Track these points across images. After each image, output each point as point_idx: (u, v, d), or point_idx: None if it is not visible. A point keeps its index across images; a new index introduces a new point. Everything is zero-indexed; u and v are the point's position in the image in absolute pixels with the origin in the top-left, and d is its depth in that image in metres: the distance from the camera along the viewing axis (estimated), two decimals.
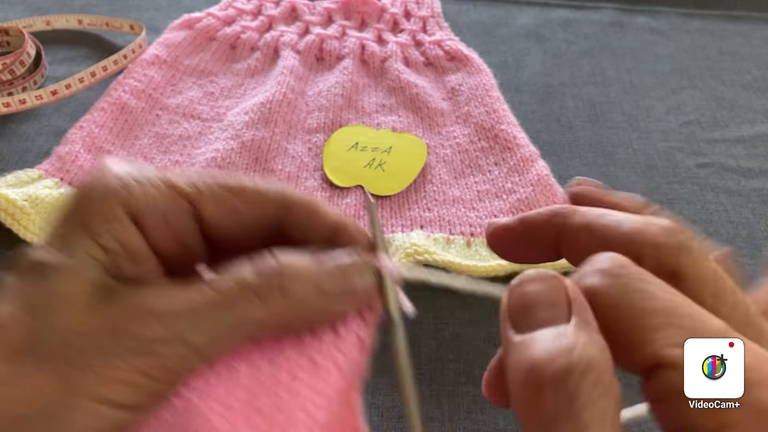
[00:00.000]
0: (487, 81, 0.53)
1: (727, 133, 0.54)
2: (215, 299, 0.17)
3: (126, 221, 0.18)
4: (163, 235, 0.19)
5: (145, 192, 0.19)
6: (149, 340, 0.17)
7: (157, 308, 0.17)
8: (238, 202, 0.20)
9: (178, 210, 0.19)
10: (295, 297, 0.18)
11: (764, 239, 0.45)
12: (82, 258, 0.18)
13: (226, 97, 0.53)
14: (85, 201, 0.19)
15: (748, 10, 0.68)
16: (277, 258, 0.19)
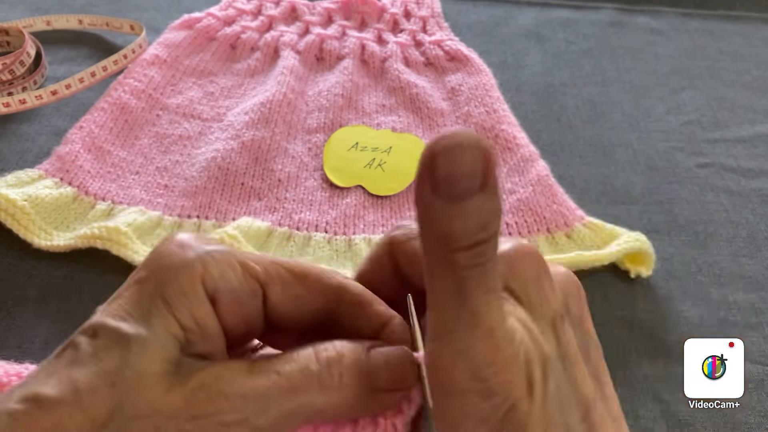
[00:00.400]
0: (487, 81, 0.53)
1: (728, 133, 0.54)
2: (282, 386, 0.18)
3: (204, 299, 0.19)
4: (235, 315, 0.20)
5: (223, 272, 0.19)
6: (221, 423, 0.18)
7: (228, 391, 0.18)
8: (302, 289, 0.21)
9: (250, 292, 0.20)
10: (352, 389, 0.19)
11: (764, 239, 0.45)
12: (161, 333, 0.18)
13: (226, 97, 0.53)
14: (166, 273, 0.19)
15: (747, 10, 0.68)
16: (335, 346, 0.20)
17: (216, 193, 0.45)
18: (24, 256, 0.41)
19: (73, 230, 0.41)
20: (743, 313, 0.40)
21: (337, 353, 0.19)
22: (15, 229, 0.40)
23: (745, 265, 0.43)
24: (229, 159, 0.46)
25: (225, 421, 0.18)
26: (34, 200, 0.41)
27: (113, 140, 0.48)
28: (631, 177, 0.49)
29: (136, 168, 0.47)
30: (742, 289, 0.42)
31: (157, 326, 0.18)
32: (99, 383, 0.17)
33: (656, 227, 0.45)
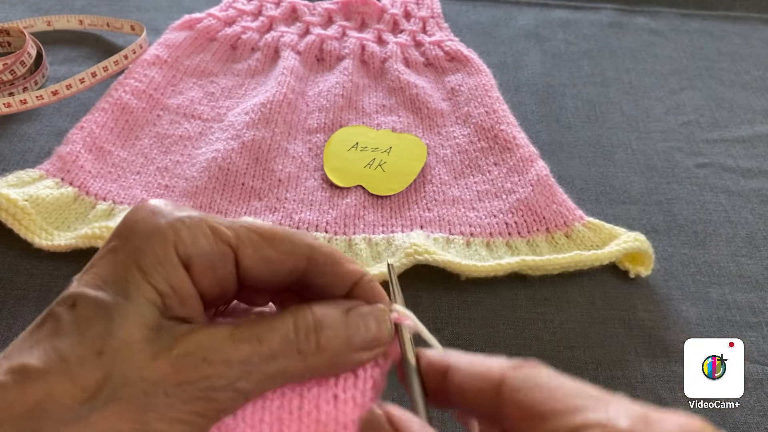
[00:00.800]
0: (487, 81, 0.53)
1: (726, 133, 0.54)
2: (263, 352, 0.20)
3: (178, 265, 0.20)
4: (209, 279, 0.21)
5: (194, 237, 0.20)
6: (207, 387, 0.19)
7: (213, 358, 0.19)
8: (272, 251, 0.21)
9: (222, 256, 0.21)
10: (329, 351, 0.21)
11: (763, 239, 0.45)
12: (139, 301, 0.19)
13: (226, 98, 0.53)
14: (139, 242, 0.20)
15: (747, 10, 0.68)
16: (314, 313, 0.21)
17: (216, 193, 0.45)
18: (25, 256, 0.41)
19: (74, 230, 0.42)
20: (742, 313, 0.40)
21: (314, 321, 0.21)
22: (16, 229, 0.40)
23: (744, 264, 0.43)
24: (229, 159, 0.46)
25: (210, 385, 0.19)
26: (35, 200, 0.41)
27: (114, 140, 0.48)
28: (631, 177, 0.49)
29: (137, 168, 0.47)
30: (741, 289, 0.42)
31: (135, 294, 0.19)
32: (85, 353, 0.18)
33: (655, 227, 0.45)
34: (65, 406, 0.17)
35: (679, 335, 0.39)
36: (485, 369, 0.20)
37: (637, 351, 0.38)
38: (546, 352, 0.38)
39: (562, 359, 0.37)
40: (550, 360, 0.38)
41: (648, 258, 0.41)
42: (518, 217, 0.44)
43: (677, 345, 0.38)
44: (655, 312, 0.40)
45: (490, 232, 0.43)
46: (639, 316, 0.40)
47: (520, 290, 0.41)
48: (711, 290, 0.42)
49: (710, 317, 0.40)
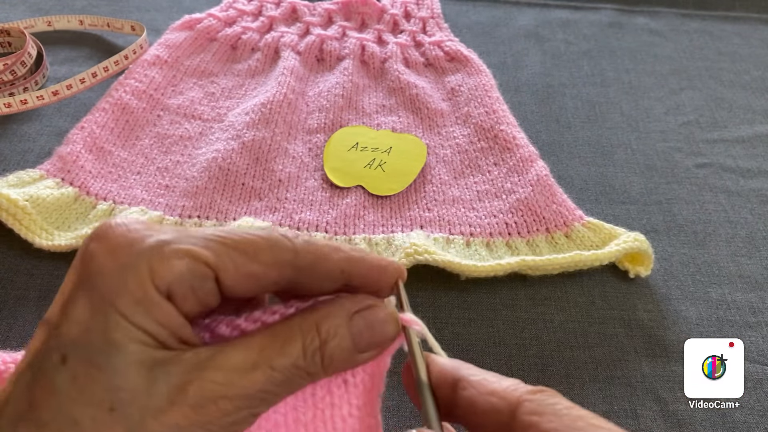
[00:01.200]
0: (487, 81, 0.53)
1: (726, 133, 0.54)
2: (277, 379, 0.20)
3: (161, 300, 0.19)
4: (191, 302, 0.20)
5: (171, 267, 0.19)
6: (230, 423, 0.19)
7: (231, 395, 0.19)
8: (255, 265, 0.20)
9: (202, 278, 0.19)
10: (334, 363, 0.21)
11: (763, 239, 0.45)
12: (130, 347, 0.18)
13: (226, 98, 0.53)
14: (111, 282, 0.18)
15: (746, 11, 0.68)
16: (320, 333, 0.20)
17: (217, 194, 0.45)
18: (25, 256, 0.41)
19: (75, 230, 0.42)
20: (742, 313, 0.41)
21: (320, 341, 0.20)
22: (16, 229, 0.40)
23: (744, 264, 0.43)
24: (229, 159, 0.46)
25: (233, 420, 0.19)
26: (36, 200, 0.41)
27: (114, 140, 0.48)
28: (630, 177, 0.49)
29: (137, 168, 0.47)
30: (741, 289, 0.42)
31: (123, 341, 0.18)
32: (96, 413, 0.17)
33: (655, 227, 0.46)
34: None
35: (679, 335, 0.39)
36: (501, 389, 0.20)
37: (637, 351, 0.38)
38: (546, 352, 0.38)
39: (562, 359, 0.38)
40: (549, 360, 0.39)
41: (648, 258, 0.41)
42: (518, 217, 0.44)
43: (677, 345, 0.38)
44: (655, 312, 0.40)
45: (490, 232, 0.43)
46: (639, 316, 0.40)
47: (520, 290, 0.41)
48: (711, 290, 0.42)
49: (710, 317, 0.40)
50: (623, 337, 0.39)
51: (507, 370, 0.37)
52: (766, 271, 0.43)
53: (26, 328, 0.38)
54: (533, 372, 0.37)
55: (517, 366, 0.37)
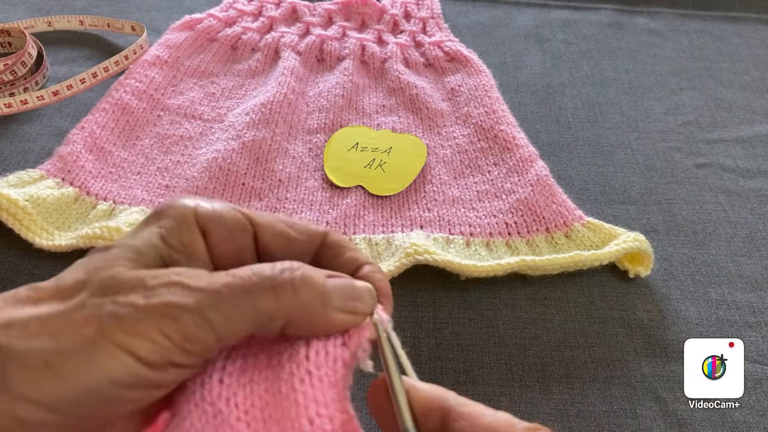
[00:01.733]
0: (487, 82, 0.53)
1: (726, 133, 0.54)
2: (236, 284, 0.20)
3: (193, 226, 0.21)
4: (226, 247, 0.22)
5: (215, 208, 0.22)
6: (174, 305, 0.19)
7: (185, 281, 0.19)
8: (291, 230, 0.23)
9: (241, 228, 0.22)
10: (303, 297, 0.20)
11: (763, 239, 0.45)
12: (141, 241, 0.21)
13: (227, 98, 0.53)
14: (163, 208, 0.22)
15: (746, 11, 0.68)
16: (293, 262, 0.21)
17: (217, 194, 0.45)
18: (26, 256, 0.41)
19: (75, 230, 0.42)
20: (741, 313, 0.41)
21: (290, 264, 0.21)
22: (17, 229, 0.40)
23: (744, 264, 0.43)
24: (230, 159, 0.46)
25: (177, 303, 0.19)
26: (36, 200, 0.41)
27: (114, 141, 0.48)
28: (630, 177, 0.49)
29: (138, 168, 0.47)
30: (741, 289, 0.42)
31: (140, 238, 0.21)
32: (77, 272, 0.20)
33: (655, 227, 0.46)
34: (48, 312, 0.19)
35: (679, 335, 0.39)
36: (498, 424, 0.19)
37: (637, 351, 0.38)
38: (546, 352, 0.38)
39: (562, 359, 0.38)
40: (549, 360, 0.39)
41: (647, 258, 0.41)
42: (518, 217, 0.44)
43: (677, 345, 0.38)
44: (655, 312, 0.40)
45: (490, 232, 0.43)
46: (639, 316, 0.40)
47: (520, 290, 0.41)
48: (710, 290, 0.42)
49: (710, 317, 0.40)
50: (623, 337, 0.39)
51: (507, 370, 0.37)
52: (765, 271, 0.43)
53: None
54: (533, 372, 0.37)
55: (517, 366, 0.37)
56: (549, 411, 0.35)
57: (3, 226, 0.41)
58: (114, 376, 0.18)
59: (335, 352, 0.21)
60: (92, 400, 0.18)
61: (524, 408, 0.35)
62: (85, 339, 0.18)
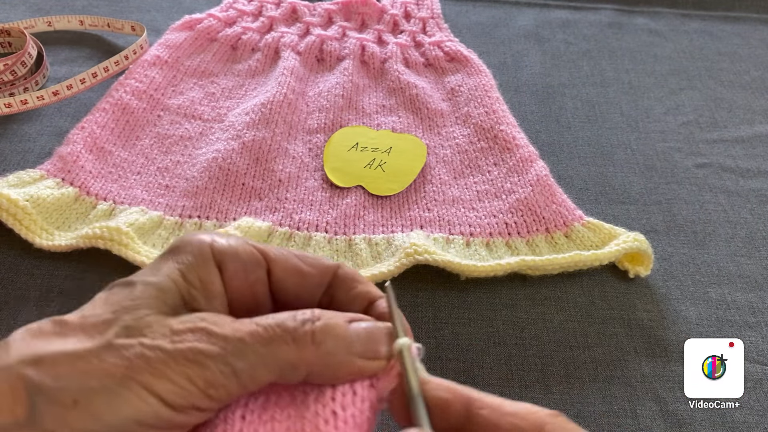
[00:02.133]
0: (487, 82, 0.53)
1: (726, 133, 0.54)
2: (259, 334, 0.20)
3: (210, 261, 0.22)
4: (241, 281, 0.23)
5: (230, 243, 0.23)
6: (200, 352, 0.19)
7: (211, 328, 0.20)
8: (303, 265, 0.23)
9: (255, 262, 0.23)
10: (325, 348, 0.21)
11: (762, 239, 0.45)
12: (163, 280, 0.21)
13: (227, 98, 0.53)
14: (181, 244, 0.23)
15: (746, 11, 0.68)
16: (314, 311, 0.22)
17: (217, 194, 0.45)
18: (26, 256, 0.41)
19: (75, 230, 0.42)
20: (741, 313, 0.41)
21: (312, 315, 0.21)
22: (17, 229, 0.40)
23: (744, 264, 0.43)
24: (230, 159, 0.46)
25: (203, 351, 0.20)
26: (36, 200, 0.41)
27: (114, 141, 0.48)
28: (630, 177, 0.49)
29: (138, 168, 0.47)
30: (741, 289, 0.42)
31: (162, 275, 0.21)
32: (101, 311, 0.20)
33: (655, 227, 0.46)
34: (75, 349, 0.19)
35: (679, 335, 0.39)
36: (522, 410, 0.20)
37: (637, 351, 0.38)
38: (546, 352, 0.38)
39: (562, 359, 0.38)
40: (549, 360, 0.39)
41: (647, 258, 0.41)
42: (518, 217, 0.44)
43: (677, 345, 0.38)
44: (655, 312, 0.40)
45: (490, 232, 0.43)
46: (638, 316, 0.40)
47: (520, 290, 0.41)
48: (710, 290, 0.42)
49: (710, 317, 0.40)
50: (623, 337, 0.39)
51: (507, 370, 0.37)
52: (765, 271, 0.43)
53: None
54: (533, 372, 0.37)
55: (517, 366, 0.37)
56: None
57: (3, 226, 0.41)
58: (139, 416, 0.19)
59: (362, 393, 0.21)
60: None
61: None
62: (113, 378, 0.19)
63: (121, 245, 0.39)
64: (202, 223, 0.43)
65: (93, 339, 0.19)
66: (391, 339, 0.22)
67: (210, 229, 0.43)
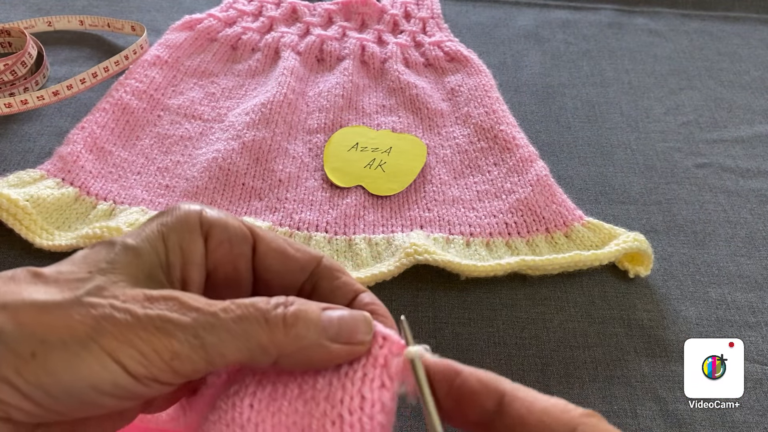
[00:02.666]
0: (487, 82, 0.53)
1: (726, 133, 0.54)
2: (232, 310, 0.20)
3: (195, 229, 0.22)
4: (224, 253, 0.22)
5: (219, 214, 0.23)
6: (170, 320, 0.19)
7: (184, 300, 0.20)
8: (288, 247, 0.23)
9: (241, 236, 0.23)
10: (296, 331, 0.20)
11: (762, 239, 0.45)
12: (142, 242, 0.21)
13: (227, 98, 0.53)
14: (170, 210, 0.22)
15: (746, 11, 0.68)
16: (288, 297, 0.21)
17: (217, 194, 0.45)
18: (26, 256, 0.41)
19: (75, 230, 0.42)
20: (741, 313, 0.41)
21: (286, 300, 0.21)
22: (17, 229, 0.40)
23: (744, 264, 0.44)
24: (230, 159, 0.46)
25: (173, 320, 0.19)
26: (36, 200, 0.41)
27: (115, 141, 0.48)
28: (630, 177, 0.49)
29: (138, 168, 0.47)
30: (741, 289, 0.42)
31: (142, 239, 0.21)
32: (78, 268, 0.20)
33: (655, 227, 0.46)
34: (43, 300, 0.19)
35: (679, 335, 0.39)
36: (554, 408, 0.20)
37: (637, 351, 0.38)
38: (546, 352, 0.38)
39: (562, 359, 0.38)
40: (549, 360, 0.39)
41: (647, 258, 0.41)
42: (518, 217, 0.44)
43: (677, 345, 0.38)
44: (655, 312, 0.40)
45: (490, 232, 0.43)
46: (638, 316, 0.40)
47: (520, 290, 0.41)
48: (710, 290, 0.42)
49: (710, 317, 0.40)
50: (623, 336, 0.39)
51: (507, 370, 0.37)
52: (765, 271, 0.43)
53: None
54: (533, 372, 0.37)
55: (517, 366, 0.37)
56: None
57: (3, 226, 0.41)
58: (96, 381, 0.18)
59: (372, 397, 0.21)
60: (69, 401, 0.18)
61: None
62: (75, 337, 0.18)
63: None
64: None
65: (63, 293, 0.19)
66: (369, 326, 0.22)
67: None
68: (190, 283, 0.22)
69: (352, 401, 0.20)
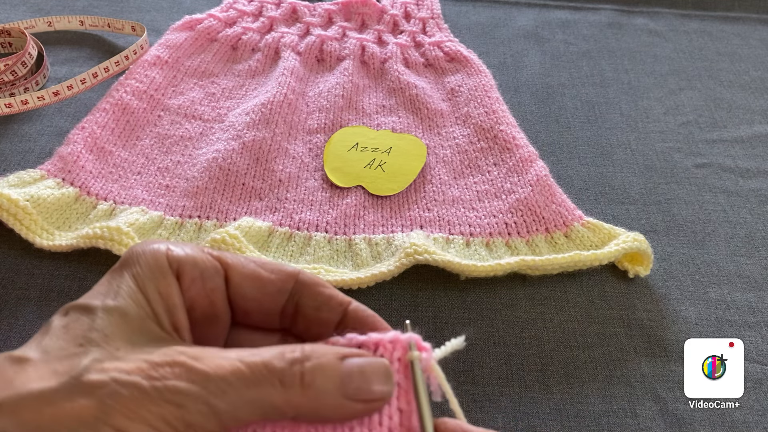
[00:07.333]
0: (487, 82, 0.53)
1: (725, 133, 0.54)
2: (243, 374, 0.19)
3: (168, 273, 0.21)
4: (198, 290, 0.22)
5: (186, 250, 0.22)
6: (179, 392, 0.18)
7: (191, 366, 0.19)
8: (261, 270, 0.22)
9: (212, 269, 0.22)
10: (315, 390, 0.19)
11: (762, 239, 0.45)
12: (125, 302, 0.20)
13: (227, 98, 0.53)
14: (135, 256, 0.21)
15: (746, 11, 0.68)
16: (304, 348, 0.20)
17: (217, 194, 0.45)
18: (26, 256, 0.41)
19: (75, 230, 0.42)
20: (741, 313, 0.41)
21: (302, 355, 0.20)
22: (17, 229, 0.40)
23: (743, 264, 0.44)
24: (230, 159, 0.46)
25: (183, 390, 0.18)
26: (36, 200, 0.41)
27: (115, 141, 0.48)
28: (630, 177, 0.49)
29: (138, 168, 0.47)
30: (741, 289, 0.42)
31: (123, 297, 0.20)
32: (65, 343, 0.19)
33: (654, 227, 0.46)
34: (40, 390, 0.17)
35: (679, 335, 0.39)
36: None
37: (637, 350, 0.38)
38: (545, 352, 0.38)
39: (562, 359, 0.38)
40: (549, 360, 0.39)
41: (647, 258, 0.41)
42: (518, 217, 0.44)
43: (677, 345, 0.38)
44: (655, 312, 0.40)
45: (490, 232, 0.43)
46: (638, 316, 0.40)
47: (519, 290, 0.41)
48: (710, 290, 0.42)
49: (709, 317, 0.40)
50: (623, 336, 0.39)
51: (507, 369, 0.37)
52: (765, 271, 0.43)
53: (27, 328, 0.38)
54: (533, 372, 0.37)
55: (517, 366, 0.37)
56: (549, 411, 0.35)
57: (3, 226, 0.41)
58: None
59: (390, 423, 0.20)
60: None
61: (524, 408, 0.35)
62: (84, 423, 0.17)
63: (122, 245, 0.39)
64: (202, 223, 0.43)
65: (58, 377, 0.18)
66: (389, 376, 0.21)
67: (210, 229, 0.43)
68: (180, 327, 0.21)
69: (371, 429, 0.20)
